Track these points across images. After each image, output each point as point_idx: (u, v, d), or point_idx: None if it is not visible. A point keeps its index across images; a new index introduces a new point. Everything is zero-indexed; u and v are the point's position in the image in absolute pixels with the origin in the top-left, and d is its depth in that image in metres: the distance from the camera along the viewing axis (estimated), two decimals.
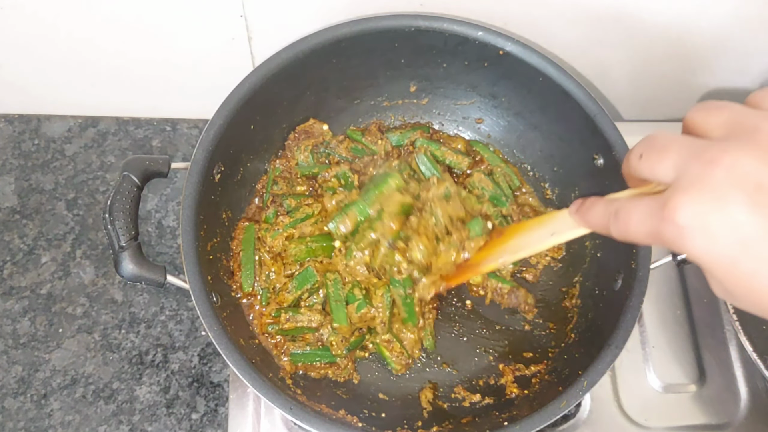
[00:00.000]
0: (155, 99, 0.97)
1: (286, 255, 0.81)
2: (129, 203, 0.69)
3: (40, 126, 0.99)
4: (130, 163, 0.71)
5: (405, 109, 0.93)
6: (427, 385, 0.80)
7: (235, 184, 0.82)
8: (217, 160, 0.75)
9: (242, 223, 0.83)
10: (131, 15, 0.81)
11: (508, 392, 0.78)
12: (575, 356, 0.76)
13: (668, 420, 0.83)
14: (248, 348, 0.72)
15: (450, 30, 0.80)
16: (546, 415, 0.66)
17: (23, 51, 0.87)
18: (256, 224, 0.83)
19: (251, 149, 0.84)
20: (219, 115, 0.75)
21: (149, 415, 0.84)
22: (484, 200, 0.86)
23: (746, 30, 0.86)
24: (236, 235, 0.82)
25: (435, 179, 0.80)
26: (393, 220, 0.76)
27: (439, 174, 0.85)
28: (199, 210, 0.72)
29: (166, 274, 0.69)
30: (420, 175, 0.86)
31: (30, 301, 0.89)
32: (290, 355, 0.77)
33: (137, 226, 0.69)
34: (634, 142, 0.76)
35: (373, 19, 0.80)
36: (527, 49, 0.80)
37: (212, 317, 0.68)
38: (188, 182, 0.72)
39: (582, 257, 0.84)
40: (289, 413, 0.66)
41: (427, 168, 0.86)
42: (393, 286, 0.77)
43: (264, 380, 0.67)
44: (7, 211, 0.93)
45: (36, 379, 0.85)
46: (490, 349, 0.83)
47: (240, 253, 0.81)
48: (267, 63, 0.77)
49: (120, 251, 0.68)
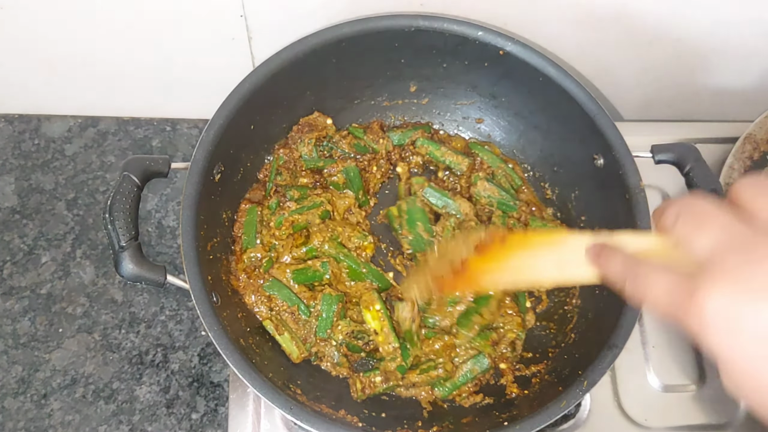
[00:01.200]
0: (155, 99, 0.97)
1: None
2: (129, 203, 0.69)
3: (40, 126, 0.99)
4: (130, 163, 0.71)
5: (405, 109, 0.93)
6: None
7: (235, 184, 0.82)
8: (217, 160, 0.75)
9: (244, 205, 0.83)
10: (131, 15, 0.81)
11: (508, 392, 0.78)
12: (575, 356, 0.76)
13: (668, 420, 0.83)
14: (248, 348, 0.72)
15: (450, 30, 0.80)
16: (546, 415, 0.66)
17: (23, 51, 0.87)
18: (258, 206, 0.83)
19: (251, 149, 0.84)
20: (219, 115, 0.75)
21: (149, 415, 0.84)
22: (493, 209, 0.86)
23: (746, 30, 0.86)
24: (238, 218, 0.82)
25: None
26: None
27: (451, 201, 0.85)
28: (199, 210, 0.72)
29: (166, 274, 0.69)
30: (433, 207, 0.86)
31: (30, 301, 0.89)
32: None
33: (137, 226, 0.69)
34: (634, 142, 0.77)
35: (373, 19, 0.80)
36: (527, 49, 0.80)
37: (212, 317, 0.68)
38: (188, 182, 0.72)
39: None
40: (289, 413, 0.66)
41: (437, 199, 0.86)
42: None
43: (264, 380, 0.67)
44: (7, 211, 0.93)
45: (36, 379, 0.85)
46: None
47: (242, 236, 0.81)
48: (267, 63, 0.77)
49: (120, 251, 0.68)
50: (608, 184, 0.79)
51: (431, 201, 0.86)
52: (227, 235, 0.81)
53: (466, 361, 0.79)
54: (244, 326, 0.76)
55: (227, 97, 0.76)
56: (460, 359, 0.80)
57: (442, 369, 0.78)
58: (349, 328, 0.78)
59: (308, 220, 0.82)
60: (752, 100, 0.99)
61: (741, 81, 0.96)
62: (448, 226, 0.84)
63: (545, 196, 0.91)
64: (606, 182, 0.79)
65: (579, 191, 0.86)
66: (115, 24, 0.82)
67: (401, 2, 0.82)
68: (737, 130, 0.93)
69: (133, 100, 0.97)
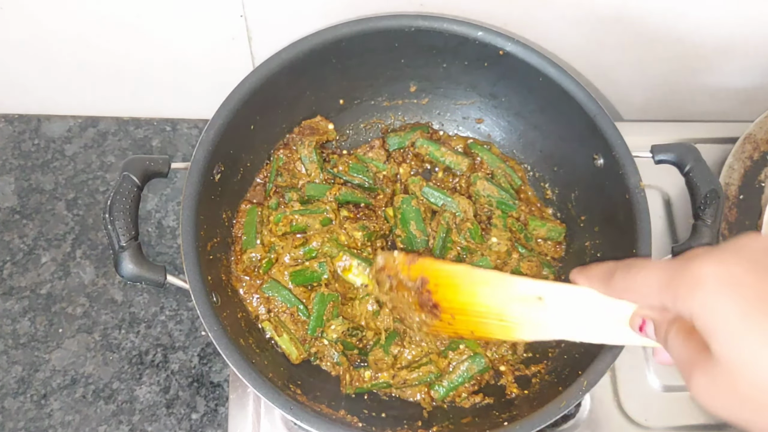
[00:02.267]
0: (155, 99, 0.97)
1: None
2: (129, 203, 0.69)
3: (40, 126, 0.99)
4: (130, 163, 0.71)
5: (405, 109, 0.93)
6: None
7: (235, 184, 0.82)
8: (217, 160, 0.75)
9: (244, 205, 0.83)
10: (131, 15, 0.81)
11: (508, 392, 0.78)
12: (575, 356, 0.76)
13: (668, 420, 0.83)
14: (248, 348, 0.72)
15: (450, 30, 0.80)
16: (546, 415, 0.66)
17: (23, 51, 0.87)
18: (258, 207, 0.83)
19: (251, 149, 0.84)
20: (219, 115, 0.75)
21: (149, 415, 0.84)
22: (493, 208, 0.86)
23: (746, 30, 0.86)
24: (238, 218, 0.82)
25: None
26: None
27: (450, 199, 0.85)
28: (199, 210, 0.72)
29: (166, 274, 0.69)
30: (432, 206, 0.86)
31: (30, 301, 0.89)
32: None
33: (137, 226, 0.69)
34: (634, 142, 0.77)
35: (373, 19, 0.80)
36: (527, 49, 0.80)
37: (212, 317, 0.68)
38: (188, 182, 0.72)
39: (582, 257, 0.84)
40: (290, 413, 0.66)
41: (436, 198, 0.86)
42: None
43: (264, 380, 0.67)
44: (7, 211, 0.93)
45: (36, 379, 0.85)
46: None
47: (242, 237, 0.82)
48: (267, 63, 0.77)
49: (120, 251, 0.68)
50: (608, 184, 0.79)
51: (430, 200, 0.86)
52: (227, 235, 0.81)
53: (463, 361, 0.79)
54: (243, 326, 0.76)
55: (227, 97, 0.75)
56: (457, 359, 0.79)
57: (434, 366, 0.78)
58: (344, 326, 0.78)
59: (308, 223, 0.82)
60: (752, 100, 0.99)
61: (741, 81, 0.96)
62: (443, 222, 0.83)
63: (545, 196, 0.91)
64: (606, 182, 0.79)
65: (579, 191, 0.86)
66: (115, 24, 0.82)
67: (401, 2, 0.82)
68: (737, 130, 0.93)
69: (133, 100, 0.97)
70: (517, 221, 0.86)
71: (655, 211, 0.94)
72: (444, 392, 0.78)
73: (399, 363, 0.79)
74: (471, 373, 0.79)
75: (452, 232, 0.84)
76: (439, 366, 0.78)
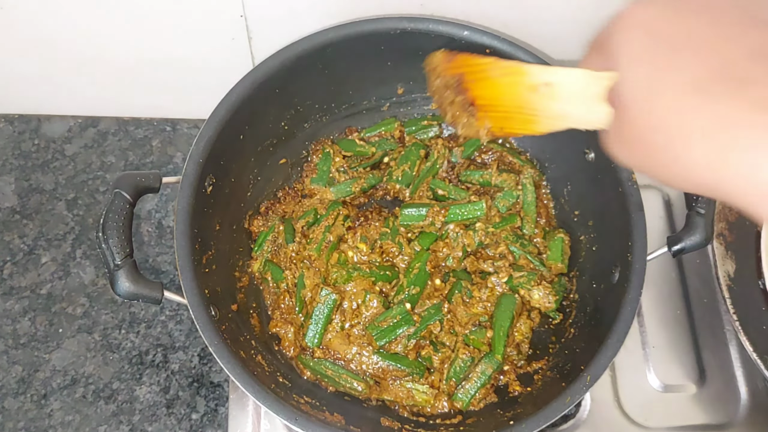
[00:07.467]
0: (155, 99, 0.97)
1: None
2: (122, 220, 0.68)
3: (40, 126, 0.99)
4: (121, 179, 0.70)
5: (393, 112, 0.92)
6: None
7: (227, 195, 0.81)
8: (208, 172, 0.74)
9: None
10: (131, 15, 0.81)
11: (511, 390, 0.77)
12: (576, 351, 0.76)
13: (668, 420, 0.83)
14: (249, 360, 0.72)
15: (436, 30, 0.79)
16: (551, 412, 0.66)
17: (23, 51, 0.87)
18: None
19: (241, 159, 0.83)
20: (208, 127, 0.74)
21: (149, 415, 0.84)
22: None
23: None
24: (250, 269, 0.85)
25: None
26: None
27: (455, 196, 0.87)
28: (193, 223, 0.71)
29: (163, 291, 0.68)
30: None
31: (30, 301, 0.88)
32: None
33: (131, 243, 0.68)
34: None
35: (358, 24, 0.79)
36: (513, 46, 0.79)
37: (212, 331, 0.67)
38: (180, 196, 0.71)
39: (578, 251, 0.84)
40: (295, 424, 0.65)
41: (443, 190, 0.87)
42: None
43: (267, 392, 0.66)
44: (7, 211, 0.93)
45: (36, 379, 0.85)
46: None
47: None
48: (252, 73, 0.77)
49: (115, 270, 0.67)
50: (600, 177, 0.79)
51: (439, 193, 0.88)
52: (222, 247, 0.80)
53: (477, 364, 0.77)
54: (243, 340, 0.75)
55: (215, 109, 0.75)
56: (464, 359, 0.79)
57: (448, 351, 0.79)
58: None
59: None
60: None
61: None
62: (440, 149, 0.88)
63: None
64: (598, 176, 0.79)
65: (571, 185, 0.86)
66: (115, 24, 0.82)
67: (402, 2, 0.82)
68: None
69: (133, 100, 0.97)
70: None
71: (655, 210, 0.94)
72: (468, 399, 0.77)
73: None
74: (489, 374, 0.77)
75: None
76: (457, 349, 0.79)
